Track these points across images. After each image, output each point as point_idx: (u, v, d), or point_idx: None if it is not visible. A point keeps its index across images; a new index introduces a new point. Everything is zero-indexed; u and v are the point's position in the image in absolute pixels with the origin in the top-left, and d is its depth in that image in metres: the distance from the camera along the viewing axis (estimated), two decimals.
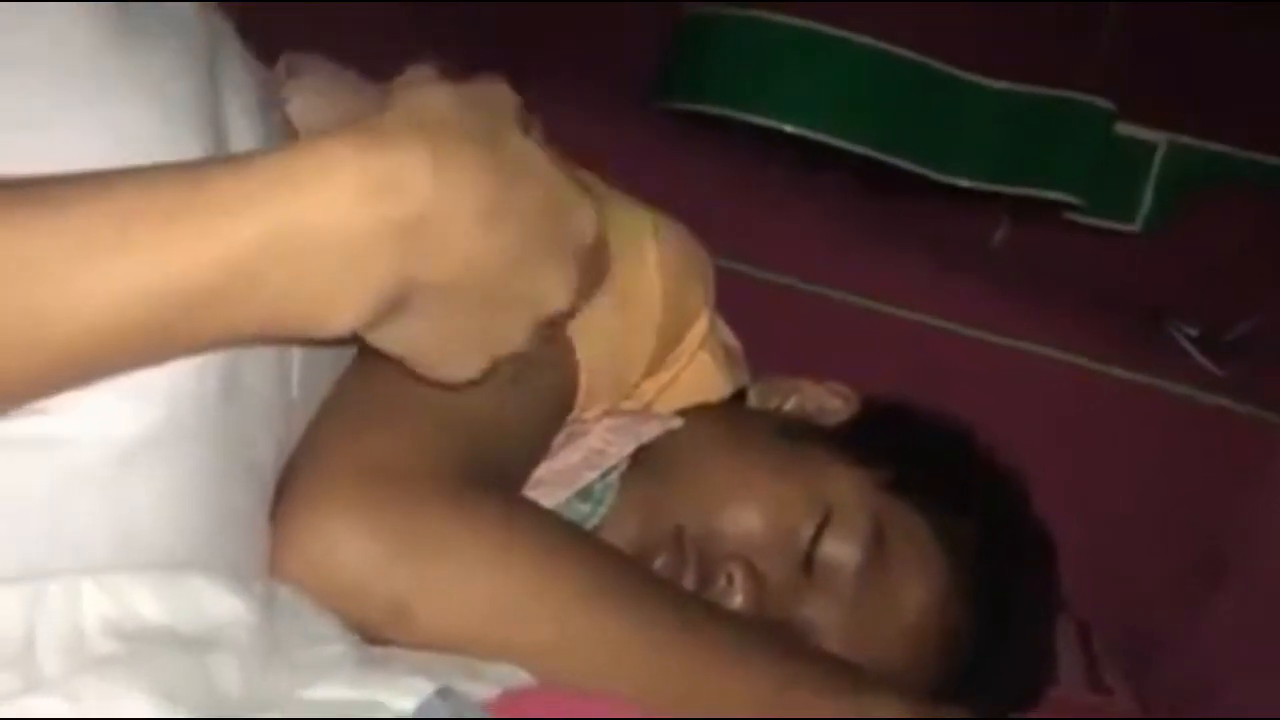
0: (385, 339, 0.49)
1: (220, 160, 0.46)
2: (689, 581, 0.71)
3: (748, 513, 0.73)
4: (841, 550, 0.72)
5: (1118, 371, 0.97)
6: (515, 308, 0.51)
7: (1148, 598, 0.96)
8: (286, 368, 0.55)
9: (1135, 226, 1.09)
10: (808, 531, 0.72)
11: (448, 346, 0.51)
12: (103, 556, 0.46)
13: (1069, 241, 1.12)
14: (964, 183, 1.08)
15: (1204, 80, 1.09)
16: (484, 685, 0.53)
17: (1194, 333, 1.00)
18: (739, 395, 0.82)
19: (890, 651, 0.73)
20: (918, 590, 0.73)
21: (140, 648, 0.45)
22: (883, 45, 1.07)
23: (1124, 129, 1.08)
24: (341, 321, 0.46)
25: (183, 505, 0.48)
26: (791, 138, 1.08)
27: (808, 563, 0.72)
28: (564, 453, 0.72)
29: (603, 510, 0.73)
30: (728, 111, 1.09)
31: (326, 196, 0.44)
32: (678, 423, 0.78)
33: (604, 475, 0.73)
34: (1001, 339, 0.99)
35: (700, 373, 0.80)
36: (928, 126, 1.07)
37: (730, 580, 0.71)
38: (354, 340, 0.49)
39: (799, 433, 0.78)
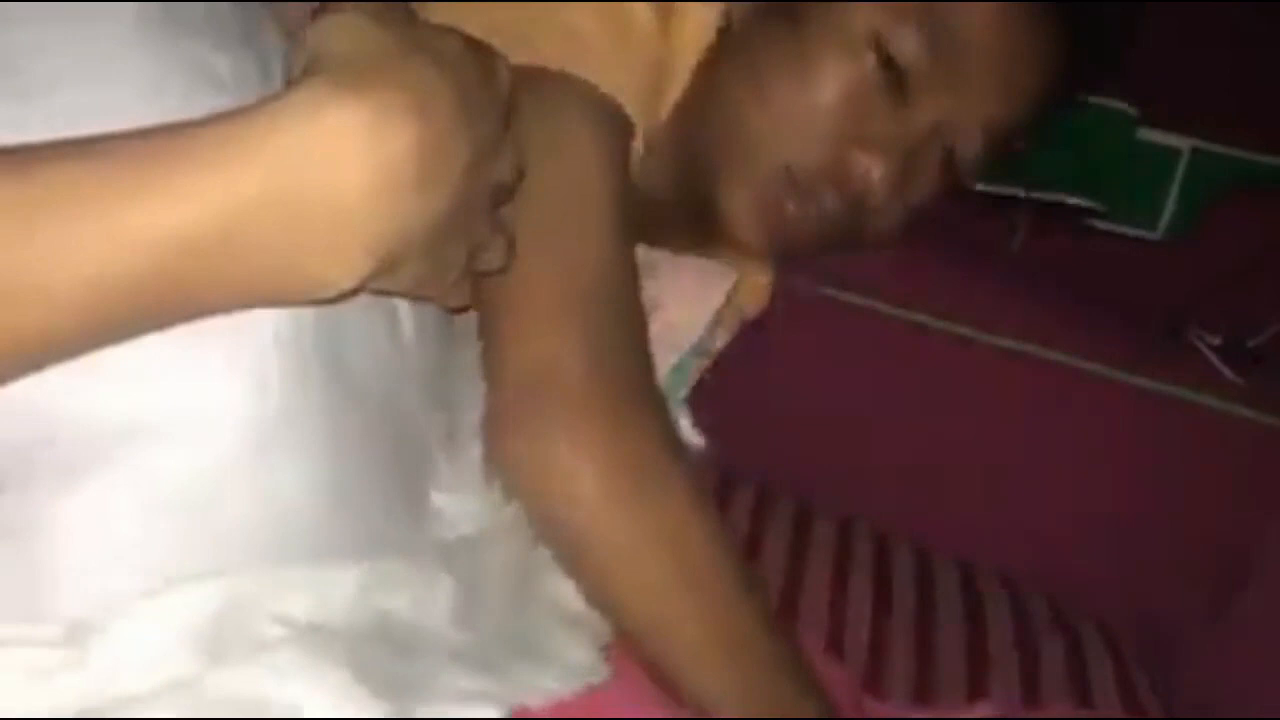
0: (385, 285, 0.49)
1: (206, 119, 0.45)
2: (833, 200, 0.76)
3: (816, 107, 0.75)
4: (910, 53, 0.74)
5: (1138, 380, 0.95)
6: (476, 206, 0.51)
7: (1167, 608, 0.95)
8: (390, 310, 0.54)
9: (1157, 233, 1.08)
10: (874, 75, 0.75)
11: (440, 273, 0.51)
12: (260, 543, 0.46)
13: (1089, 246, 1.10)
14: (981, 185, 1.06)
15: (1228, 85, 1.08)
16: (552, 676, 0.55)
17: (1216, 341, 0.99)
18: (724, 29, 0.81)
19: (1010, 90, 0.77)
20: (993, 29, 0.75)
21: (322, 635, 0.45)
22: None
23: (1147, 134, 1.07)
24: (339, 285, 0.46)
25: (324, 482, 0.48)
26: None
27: (900, 89, 0.75)
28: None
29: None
30: None
31: (310, 154, 0.43)
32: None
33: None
34: (1019, 344, 0.98)
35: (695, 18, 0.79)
36: None
37: (860, 165, 0.75)
38: None
39: (787, 7, 0.78)
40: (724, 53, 0.79)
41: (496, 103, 0.51)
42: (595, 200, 0.67)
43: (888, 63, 0.75)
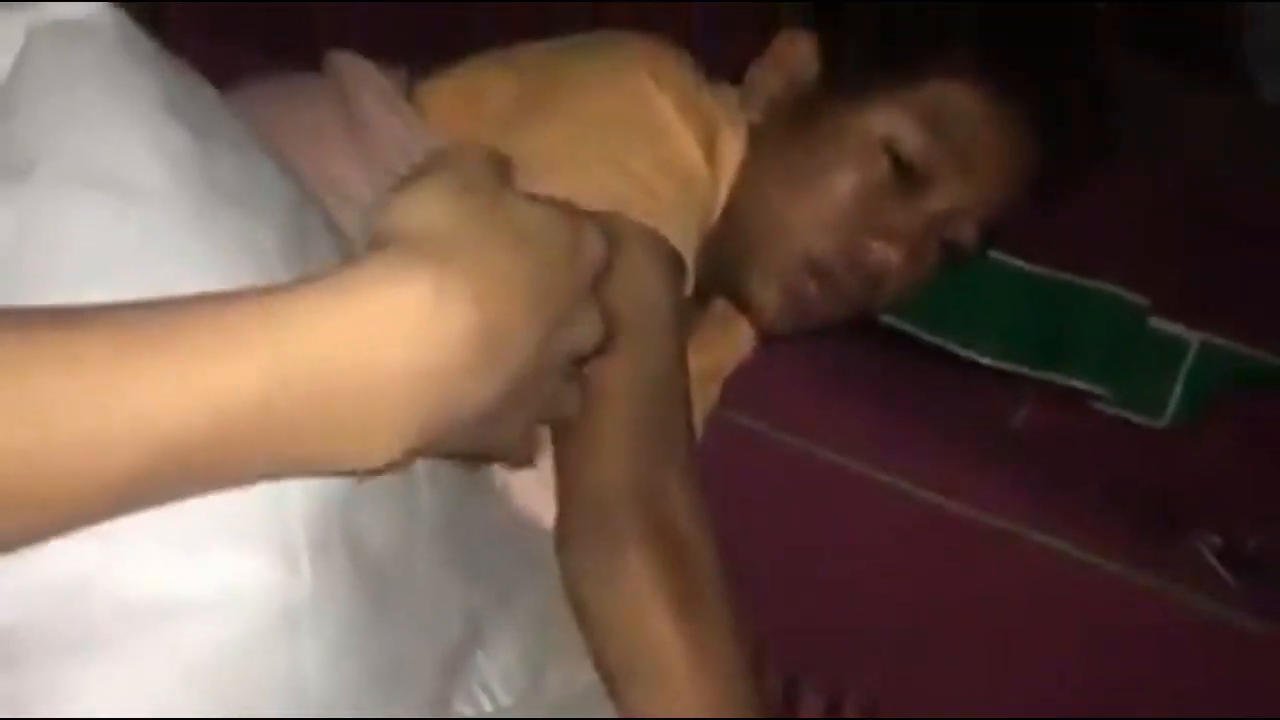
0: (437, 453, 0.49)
1: (245, 292, 0.44)
2: (850, 282, 0.86)
3: (838, 203, 0.85)
4: (918, 153, 0.84)
5: (1134, 574, 0.94)
6: (547, 375, 0.51)
7: None
8: (406, 476, 0.53)
9: (1162, 423, 1.07)
10: (886, 173, 0.84)
11: (500, 437, 0.51)
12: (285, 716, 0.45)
13: (1091, 429, 1.09)
14: (988, 362, 1.06)
15: (1240, 281, 1.08)
16: None
17: (1218, 542, 0.97)
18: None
19: (1002, 177, 0.86)
20: (989, 125, 0.85)
21: None
22: None
23: (1156, 324, 1.07)
24: (373, 463, 0.44)
25: (342, 659, 0.47)
26: None
27: (910, 183, 0.84)
28: None
29: None
30: None
31: (355, 334, 0.42)
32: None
33: None
34: (1012, 525, 0.97)
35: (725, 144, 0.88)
36: (953, 299, 1.05)
37: (876, 252, 0.85)
38: None
39: (804, 111, 0.88)
40: (752, 154, 0.89)
41: (581, 274, 0.50)
42: (660, 333, 0.78)
43: (898, 162, 0.84)
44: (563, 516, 0.75)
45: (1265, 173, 1.18)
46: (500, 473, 0.73)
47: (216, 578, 0.44)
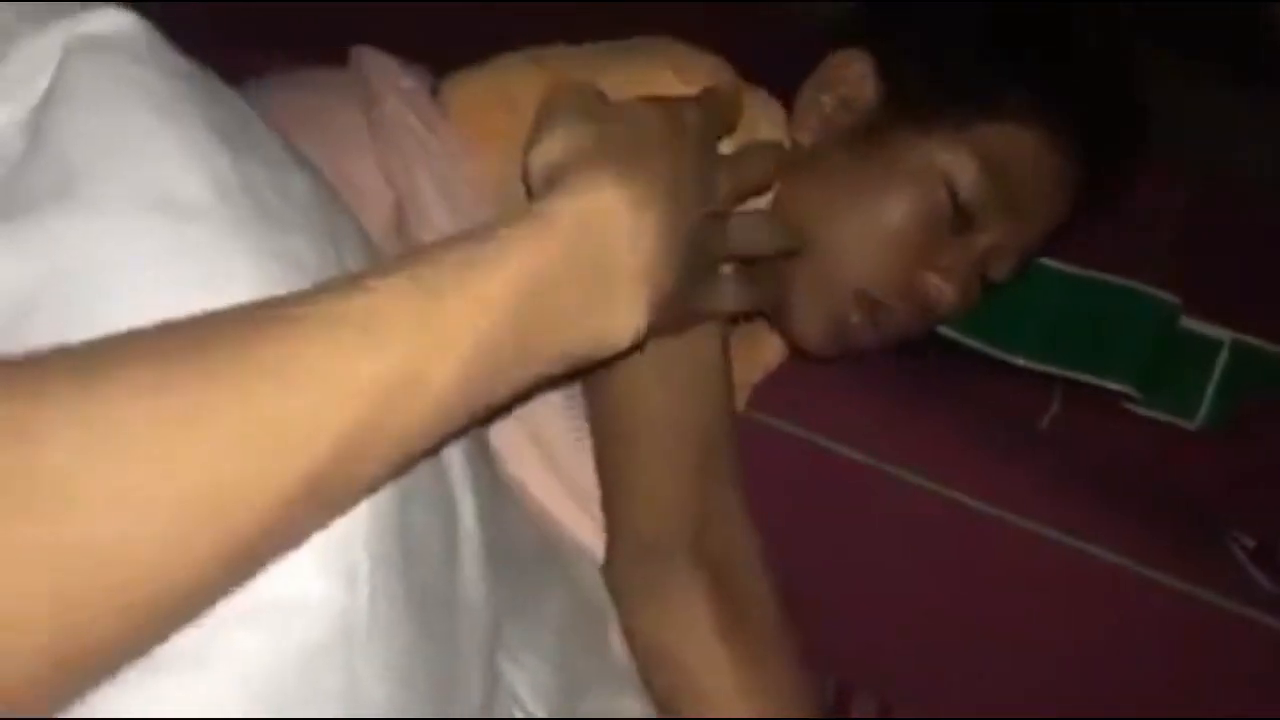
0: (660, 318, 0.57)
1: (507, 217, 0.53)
2: (901, 313, 0.86)
3: (897, 233, 0.84)
4: (974, 191, 0.83)
5: (1167, 578, 0.93)
6: (706, 230, 0.64)
7: None
8: (450, 506, 0.55)
9: (1194, 423, 1.06)
10: (945, 209, 0.83)
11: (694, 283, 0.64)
12: None
13: (1122, 429, 1.08)
14: (1019, 361, 1.05)
15: (1273, 281, 1.07)
16: None
17: (1251, 544, 0.96)
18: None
19: (1046, 217, 0.88)
20: (1043, 169, 0.85)
21: None
22: None
23: (1188, 324, 1.06)
24: (627, 335, 0.55)
25: (398, 672, 0.48)
26: None
27: (963, 221, 0.84)
28: None
29: None
30: None
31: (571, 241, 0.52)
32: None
33: None
34: (1042, 528, 0.96)
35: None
36: (985, 300, 1.05)
37: (933, 286, 0.85)
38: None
39: (862, 135, 0.86)
40: (799, 174, 0.86)
41: (694, 137, 0.63)
42: (713, 374, 0.79)
43: (954, 196, 0.83)
44: (612, 546, 0.77)
45: None
46: (515, 474, 0.74)
47: (279, 591, 0.44)
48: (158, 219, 0.44)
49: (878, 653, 0.99)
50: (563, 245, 0.50)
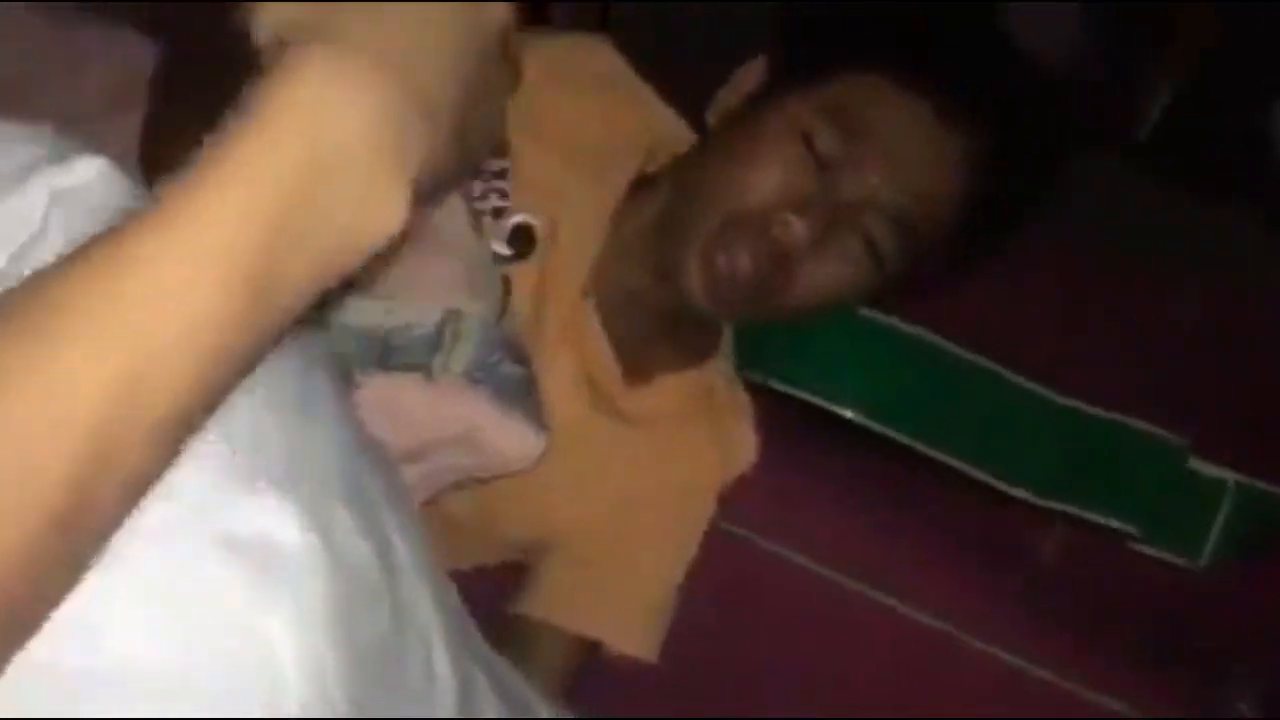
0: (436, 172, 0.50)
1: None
2: (761, 252, 0.90)
3: (757, 177, 0.90)
4: (827, 141, 0.89)
5: None
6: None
7: None
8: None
9: (1199, 564, 1.04)
10: (802, 155, 0.89)
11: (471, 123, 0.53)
12: None
13: (1124, 565, 1.06)
14: (1020, 494, 1.03)
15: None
16: None
17: (1258, 696, 0.94)
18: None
19: (918, 170, 0.90)
20: (894, 116, 0.90)
21: None
22: (938, 340, 1.05)
23: (1194, 464, 1.04)
24: (392, 222, 0.47)
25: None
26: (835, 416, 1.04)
27: (825, 170, 0.89)
28: None
29: None
30: (788, 388, 1.05)
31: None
32: None
33: None
34: (1035, 668, 0.95)
35: None
36: (989, 431, 1.03)
37: (784, 221, 0.89)
38: None
39: (744, 111, 0.95)
40: (696, 153, 0.99)
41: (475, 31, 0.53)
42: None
43: (812, 149, 0.90)
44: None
45: None
46: None
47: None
48: None
49: None
50: (302, 136, 0.44)
